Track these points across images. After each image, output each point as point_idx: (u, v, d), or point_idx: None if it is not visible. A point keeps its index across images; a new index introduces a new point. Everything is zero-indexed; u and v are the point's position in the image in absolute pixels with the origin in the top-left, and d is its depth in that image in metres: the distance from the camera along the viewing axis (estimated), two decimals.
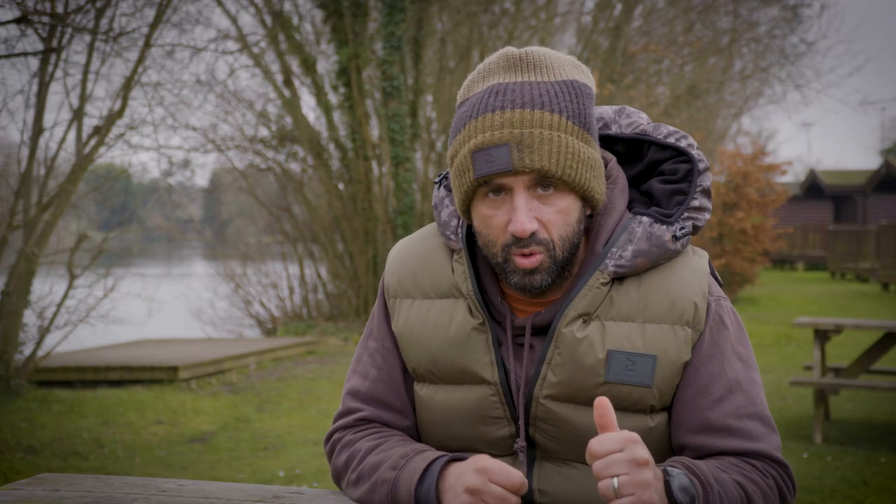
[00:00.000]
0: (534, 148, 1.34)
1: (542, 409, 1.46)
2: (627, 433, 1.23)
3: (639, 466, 1.22)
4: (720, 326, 1.47)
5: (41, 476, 1.64)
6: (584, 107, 1.39)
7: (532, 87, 1.38)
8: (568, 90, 1.39)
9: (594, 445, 1.23)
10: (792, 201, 28.34)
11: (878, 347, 6.16)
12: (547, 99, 1.37)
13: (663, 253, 1.46)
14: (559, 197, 1.39)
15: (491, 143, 1.35)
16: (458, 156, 1.41)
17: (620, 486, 1.21)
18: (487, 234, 1.42)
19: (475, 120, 1.38)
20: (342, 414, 1.61)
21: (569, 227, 1.40)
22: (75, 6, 7.98)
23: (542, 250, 1.38)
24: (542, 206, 1.38)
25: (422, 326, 1.52)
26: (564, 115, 1.36)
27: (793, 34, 20.61)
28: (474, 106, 1.40)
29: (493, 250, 1.42)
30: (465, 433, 1.51)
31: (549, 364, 1.44)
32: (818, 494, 4.88)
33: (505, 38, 15.47)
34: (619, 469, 1.21)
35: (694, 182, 1.49)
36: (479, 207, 1.42)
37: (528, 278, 1.40)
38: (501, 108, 1.36)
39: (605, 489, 1.21)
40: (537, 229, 1.37)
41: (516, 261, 1.39)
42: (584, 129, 1.39)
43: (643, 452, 1.23)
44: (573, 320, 1.43)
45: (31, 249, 7.87)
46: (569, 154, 1.36)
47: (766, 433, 1.45)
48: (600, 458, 1.22)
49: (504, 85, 1.39)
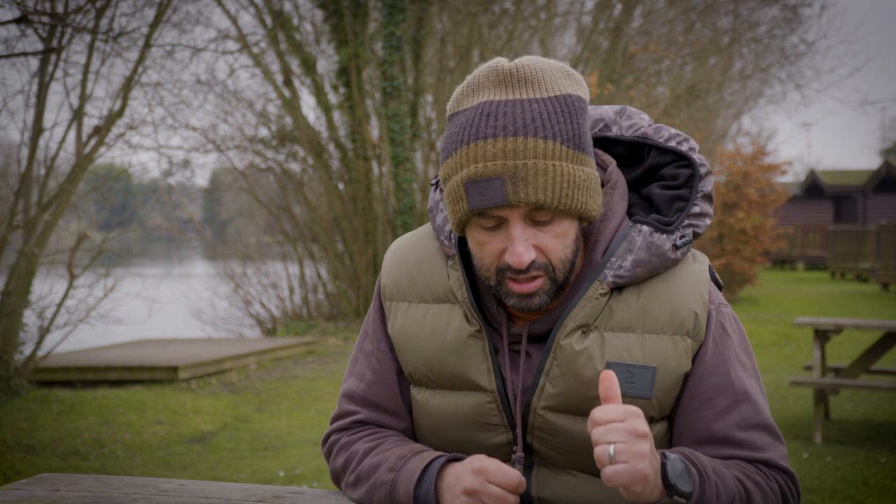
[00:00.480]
0: (528, 181, 1.31)
1: (541, 420, 1.45)
2: (630, 406, 1.24)
3: (637, 437, 1.22)
4: (723, 335, 1.45)
5: (41, 476, 1.64)
6: (578, 125, 1.36)
7: (524, 107, 1.33)
8: (561, 108, 1.34)
9: (596, 413, 1.23)
10: (792, 201, 28.35)
11: (878, 347, 6.16)
12: (540, 123, 1.32)
13: (663, 262, 1.44)
14: (556, 223, 1.36)
15: (484, 176, 1.32)
16: (451, 182, 1.37)
17: (616, 452, 1.21)
18: (482, 259, 1.39)
19: (466, 147, 1.34)
20: (338, 416, 1.60)
21: (567, 248, 1.38)
22: (75, 6, 7.98)
23: (543, 274, 1.37)
24: (539, 233, 1.36)
25: (418, 331, 1.51)
26: (558, 141, 1.33)
27: (793, 34, 20.64)
28: (465, 129, 1.35)
29: (487, 274, 1.39)
30: (462, 439, 1.50)
31: (548, 376, 1.43)
32: (818, 494, 4.88)
33: (505, 38, 15.47)
34: (616, 437, 1.22)
35: (695, 188, 1.46)
36: (473, 232, 1.39)
37: (526, 301, 1.38)
38: (493, 136, 1.32)
39: (600, 454, 1.22)
40: (536, 257, 1.35)
41: (511, 286, 1.37)
42: (578, 151, 1.35)
43: (643, 426, 1.23)
44: (572, 332, 1.42)
45: (31, 249, 7.87)
46: (564, 182, 1.33)
47: (772, 443, 1.44)
48: (600, 425, 1.23)
49: (495, 105, 1.34)
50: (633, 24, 17.56)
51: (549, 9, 16.71)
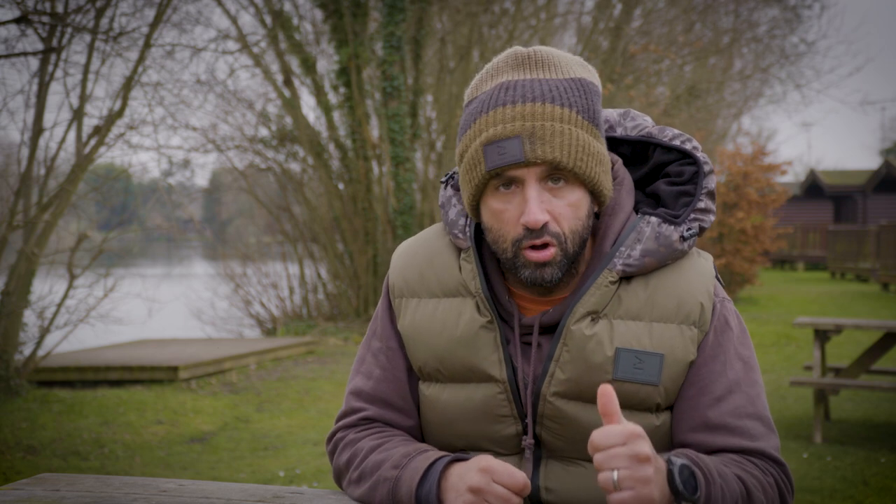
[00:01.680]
0: (545, 140, 1.36)
1: (550, 407, 1.46)
2: (632, 427, 1.24)
3: (640, 462, 1.22)
4: (724, 327, 1.48)
5: (41, 476, 1.64)
6: (593, 103, 1.41)
7: (542, 83, 1.39)
8: (576, 87, 1.40)
9: (596, 437, 1.23)
10: (792, 201, 28.35)
11: (878, 347, 6.16)
12: (557, 94, 1.38)
13: (671, 253, 1.47)
14: (570, 190, 1.40)
15: (503, 136, 1.37)
16: (469, 150, 1.41)
17: (620, 479, 1.21)
18: (498, 229, 1.42)
19: (486, 115, 1.39)
20: (345, 413, 1.61)
21: (579, 220, 1.41)
22: (75, 6, 7.98)
23: (555, 242, 1.39)
24: (553, 199, 1.39)
25: (429, 325, 1.52)
26: (574, 110, 1.38)
27: (793, 34, 20.63)
28: (484, 102, 1.41)
29: (504, 245, 1.42)
30: (472, 431, 1.52)
31: (558, 361, 1.45)
32: (818, 494, 4.88)
33: (505, 37, 15.46)
34: (619, 463, 1.22)
35: (700, 184, 1.50)
36: (489, 202, 1.42)
37: (540, 271, 1.41)
38: (513, 103, 1.38)
39: (604, 481, 1.22)
40: (549, 221, 1.39)
41: (527, 255, 1.40)
42: (593, 125, 1.40)
43: (645, 448, 1.23)
44: (581, 318, 1.44)
45: (31, 249, 7.87)
46: (580, 147, 1.38)
47: (766, 433, 1.46)
48: (602, 451, 1.23)
49: (513, 82, 1.40)
50: (633, 24, 17.55)
51: (549, 9, 16.71)
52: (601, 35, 17.41)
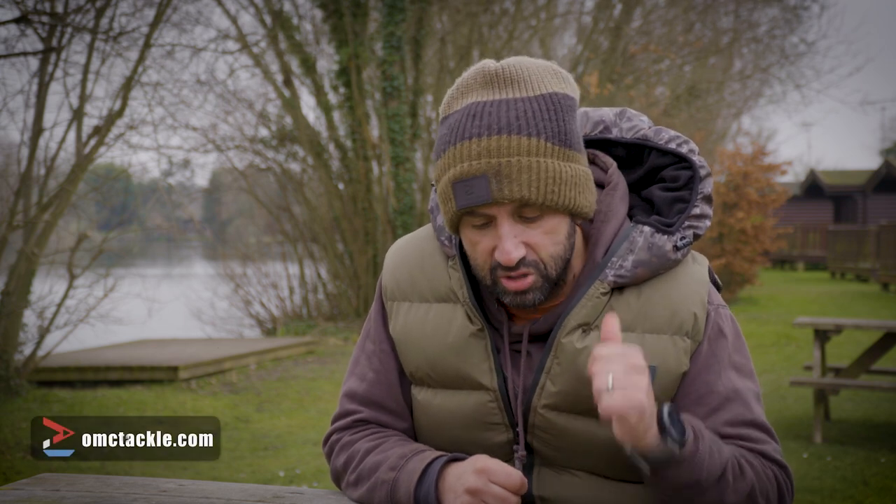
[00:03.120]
0: (512, 178, 1.32)
1: (541, 419, 1.45)
2: (630, 344, 1.28)
3: (635, 369, 1.25)
4: (718, 336, 1.46)
5: (41, 476, 1.64)
6: (565, 122, 1.36)
7: (509, 106, 1.34)
8: (546, 106, 1.35)
9: (598, 349, 1.27)
10: (792, 201, 28.29)
11: (878, 347, 6.15)
12: (524, 121, 1.33)
13: (664, 263, 1.44)
14: (545, 219, 1.37)
15: (469, 174, 1.33)
16: (441, 183, 1.39)
17: (615, 381, 1.23)
18: (475, 258, 1.41)
19: (453, 147, 1.36)
20: (340, 416, 1.60)
21: (558, 245, 1.38)
22: (75, 6, 7.98)
23: (534, 271, 1.37)
24: (528, 230, 1.36)
25: (420, 330, 1.51)
26: (542, 137, 1.33)
27: (793, 34, 20.61)
28: (453, 129, 1.37)
29: (482, 273, 1.41)
30: (463, 438, 1.51)
31: (549, 374, 1.44)
32: (818, 494, 4.88)
33: (505, 37, 15.47)
34: (615, 366, 1.24)
35: (695, 189, 1.47)
36: (465, 232, 1.41)
37: (520, 298, 1.39)
38: (479, 136, 1.33)
39: (599, 385, 1.24)
40: (525, 254, 1.36)
41: (505, 284, 1.38)
42: (564, 147, 1.35)
43: (641, 360, 1.26)
44: (572, 330, 1.42)
45: (31, 249, 7.87)
46: (549, 179, 1.33)
47: (765, 438, 1.44)
48: (601, 360, 1.26)
49: (481, 106, 1.35)
50: (633, 24, 17.56)
51: (549, 9, 16.70)
52: (601, 35, 17.41)
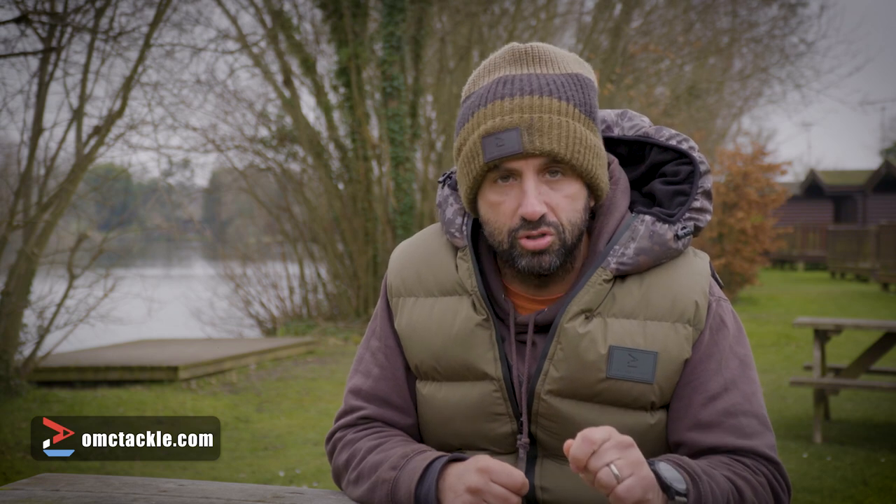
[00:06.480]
0: (543, 131, 1.37)
1: (544, 406, 1.47)
2: (603, 426, 1.25)
3: (628, 448, 1.24)
4: (720, 326, 1.48)
5: (41, 476, 1.64)
6: (590, 98, 1.43)
7: (539, 77, 1.40)
8: (574, 82, 1.42)
9: (575, 449, 1.22)
10: (792, 201, 28.31)
11: (878, 347, 6.15)
12: (555, 87, 1.39)
13: (665, 251, 1.47)
14: (567, 183, 1.41)
15: (501, 128, 1.38)
16: (467, 143, 1.43)
17: (619, 469, 1.22)
18: (495, 221, 1.43)
19: (484, 108, 1.40)
20: (344, 412, 1.61)
21: (576, 212, 1.42)
22: (75, 6, 7.98)
23: (553, 232, 1.40)
24: (551, 192, 1.40)
25: (425, 323, 1.53)
26: (572, 103, 1.39)
27: (793, 34, 20.62)
28: (482, 96, 1.42)
29: (500, 237, 1.43)
30: (467, 430, 1.52)
31: (552, 359, 1.45)
32: (818, 494, 4.88)
33: (505, 37, 15.46)
34: (612, 455, 1.22)
35: (695, 183, 1.51)
36: (487, 194, 1.44)
37: (537, 259, 1.41)
38: (511, 95, 1.39)
39: (605, 478, 1.22)
40: (546, 212, 1.40)
41: (524, 244, 1.41)
42: (590, 119, 1.42)
43: (626, 437, 1.25)
44: (575, 316, 1.44)
45: (31, 249, 7.87)
46: (577, 139, 1.39)
47: (761, 430, 1.45)
48: (592, 455, 1.23)
49: (511, 76, 1.41)
50: (633, 24, 17.55)
51: (549, 9, 16.70)
52: (601, 35, 17.41)
